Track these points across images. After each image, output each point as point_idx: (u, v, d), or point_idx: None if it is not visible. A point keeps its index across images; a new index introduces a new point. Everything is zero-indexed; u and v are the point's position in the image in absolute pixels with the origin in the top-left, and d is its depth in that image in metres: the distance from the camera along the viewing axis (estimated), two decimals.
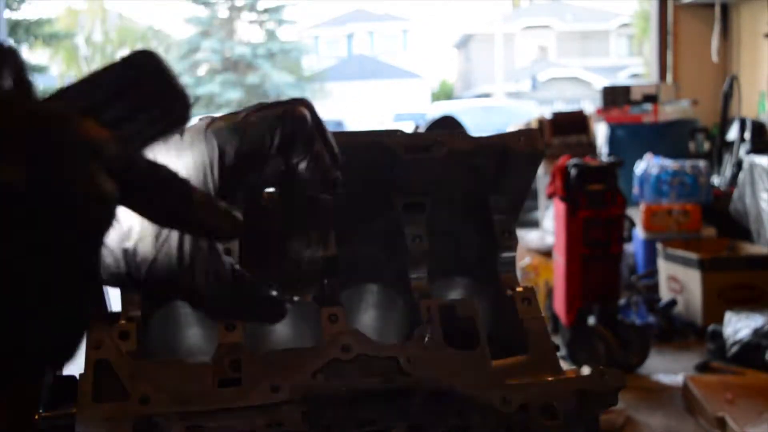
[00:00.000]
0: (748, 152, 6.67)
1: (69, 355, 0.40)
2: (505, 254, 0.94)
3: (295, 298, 0.66)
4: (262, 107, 0.64)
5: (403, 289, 1.00)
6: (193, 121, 0.64)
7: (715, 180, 7.10)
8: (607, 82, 9.33)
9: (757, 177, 5.80)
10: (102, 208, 0.38)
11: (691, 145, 7.61)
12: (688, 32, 9.14)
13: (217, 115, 0.65)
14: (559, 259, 4.50)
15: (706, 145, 7.79)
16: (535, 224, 7.26)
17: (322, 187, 0.67)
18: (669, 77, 9.21)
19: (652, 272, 5.74)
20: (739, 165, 6.78)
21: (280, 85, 26.86)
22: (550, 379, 0.77)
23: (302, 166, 0.64)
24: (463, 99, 24.48)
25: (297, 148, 0.63)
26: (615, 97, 8.00)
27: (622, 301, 4.72)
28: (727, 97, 7.67)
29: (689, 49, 9.12)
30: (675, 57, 9.26)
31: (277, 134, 0.62)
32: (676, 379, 4.19)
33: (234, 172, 0.62)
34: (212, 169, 0.61)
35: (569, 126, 7.68)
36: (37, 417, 0.71)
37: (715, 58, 8.73)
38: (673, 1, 9.13)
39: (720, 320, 4.50)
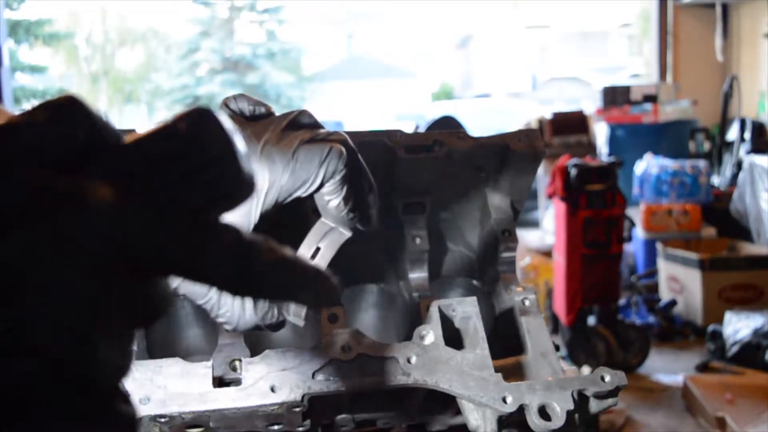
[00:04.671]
0: (748, 152, 6.67)
1: None
2: (505, 254, 0.94)
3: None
4: (311, 139, 0.66)
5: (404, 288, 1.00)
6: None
7: (715, 180, 7.09)
8: (607, 82, 9.32)
9: (757, 177, 5.80)
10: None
11: (691, 145, 7.61)
12: (688, 32, 9.14)
13: (265, 130, 0.66)
14: (559, 259, 4.50)
15: (706, 145, 7.79)
16: (535, 224, 7.26)
17: (345, 224, 0.70)
18: (669, 77, 9.21)
19: (652, 272, 5.74)
20: (739, 165, 6.78)
21: (280, 85, 26.85)
22: (550, 379, 0.77)
23: (333, 203, 0.67)
24: (463, 99, 24.46)
25: (331, 186, 0.66)
26: (615, 97, 8.00)
27: (622, 301, 4.72)
28: (727, 97, 7.66)
29: (689, 49, 9.12)
30: (675, 57, 9.26)
31: (320, 174, 0.65)
32: (676, 379, 4.19)
33: (275, 205, 0.65)
34: (259, 199, 0.64)
35: (569, 126, 7.68)
36: None
37: (720, 57, 8.74)
38: (673, 1, 9.13)
39: (720, 320, 4.50)
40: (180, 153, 0.35)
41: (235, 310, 0.65)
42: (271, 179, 0.64)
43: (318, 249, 0.69)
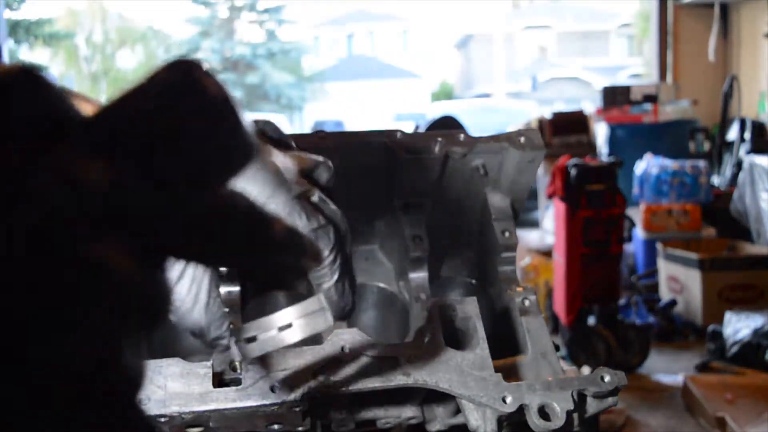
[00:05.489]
0: (748, 152, 6.67)
1: None
2: (505, 254, 0.94)
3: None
4: (316, 204, 0.66)
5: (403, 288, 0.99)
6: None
7: (715, 180, 7.09)
8: (607, 82, 9.34)
9: (757, 177, 5.80)
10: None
11: (691, 145, 7.61)
12: (688, 32, 9.14)
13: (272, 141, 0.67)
14: (559, 259, 4.50)
15: (706, 145, 7.79)
16: (535, 224, 7.26)
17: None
18: (669, 77, 9.21)
19: (652, 272, 5.74)
20: (739, 165, 6.78)
21: (280, 85, 26.86)
22: (550, 379, 0.77)
23: (325, 285, 0.67)
24: (463, 99, 24.47)
25: (322, 269, 0.66)
26: (615, 97, 8.00)
27: (622, 301, 4.72)
28: (727, 97, 7.67)
29: (689, 49, 9.13)
30: (675, 57, 9.26)
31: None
32: (676, 379, 4.19)
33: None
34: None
35: (569, 126, 7.68)
36: None
37: (712, 57, 8.73)
38: (673, 1, 9.14)
39: (720, 320, 4.50)
40: (166, 106, 0.29)
41: (186, 304, 0.61)
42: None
43: (290, 325, 0.61)
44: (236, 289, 0.78)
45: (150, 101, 0.29)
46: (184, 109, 0.29)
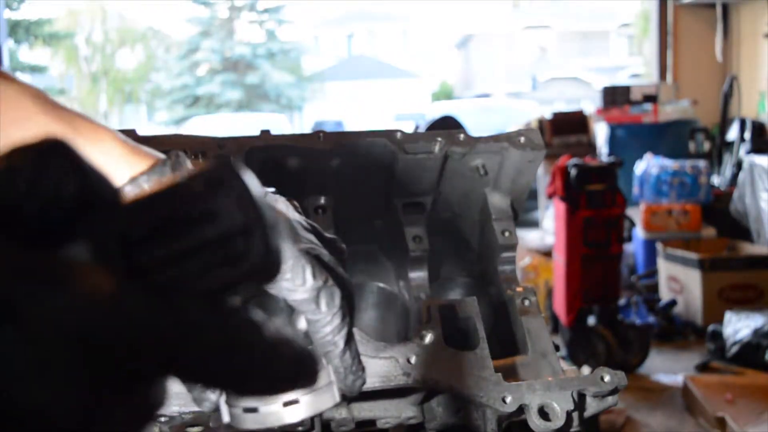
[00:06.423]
0: (748, 152, 6.67)
1: None
2: (505, 254, 0.94)
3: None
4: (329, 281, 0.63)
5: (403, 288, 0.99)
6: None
7: (715, 180, 7.09)
8: (607, 82, 9.34)
9: (757, 177, 5.80)
10: None
11: (691, 145, 7.60)
12: (688, 32, 9.15)
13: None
14: (559, 259, 4.50)
15: (706, 145, 7.79)
16: (535, 224, 7.26)
17: None
18: (669, 77, 9.22)
19: (652, 272, 5.74)
20: (739, 165, 6.78)
21: (280, 85, 26.86)
22: (550, 379, 0.77)
23: (334, 353, 0.61)
24: (463, 99, 24.47)
25: (330, 334, 0.61)
26: (615, 97, 8.00)
27: (622, 301, 4.72)
28: (727, 97, 7.67)
29: (689, 49, 9.13)
30: (675, 57, 9.27)
31: (321, 307, 0.59)
32: (676, 379, 4.19)
33: None
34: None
35: (569, 126, 7.68)
36: None
37: (720, 57, 8.75)
38: (673, 1, 9.14)
39: (720, 320, 4.50)
40: (194, 221, 0.28)
41: None
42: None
43: (296, 401, 0.56)
44: None
45: (185, 211, 0.28)
46: (216, 228, 0.28)
